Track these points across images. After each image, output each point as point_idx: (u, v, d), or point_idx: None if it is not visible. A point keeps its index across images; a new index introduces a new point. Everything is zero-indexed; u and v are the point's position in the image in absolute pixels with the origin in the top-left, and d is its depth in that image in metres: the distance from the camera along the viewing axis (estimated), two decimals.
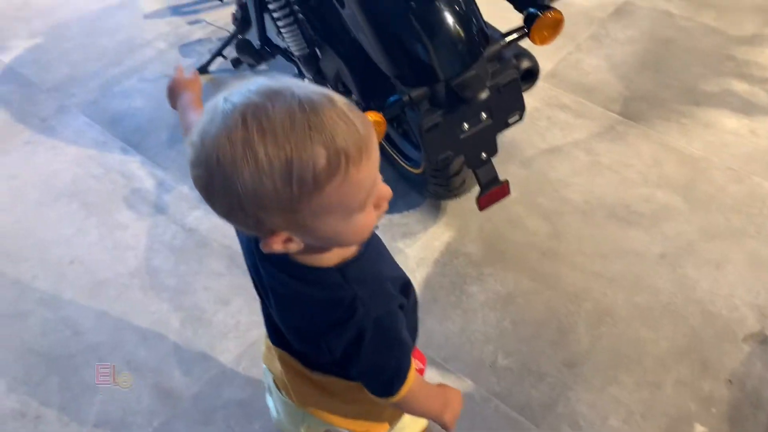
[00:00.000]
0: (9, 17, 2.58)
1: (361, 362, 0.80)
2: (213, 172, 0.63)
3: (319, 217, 0.66)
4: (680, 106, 2.10)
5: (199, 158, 0.64)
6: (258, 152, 0.60)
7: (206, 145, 0.63)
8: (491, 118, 1.35)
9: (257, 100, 0.62)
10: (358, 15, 1.28)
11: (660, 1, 2.51)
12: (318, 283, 0.76)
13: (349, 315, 0.76)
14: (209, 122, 0.63)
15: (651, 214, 1.80)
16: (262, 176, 0.61)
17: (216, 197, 0.65)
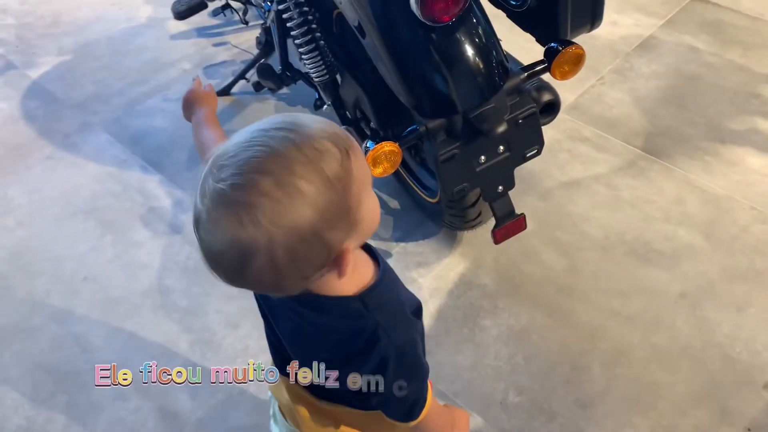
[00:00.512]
0: (39, 34, 2.63)
1: (385, 390, 0.79)
2: (270, 235, 0.63)
3: (361, 202, 0.69)
4: (704, 143, 2.07)
5: (239, 237, 0.63)
6: (296, 182, 0.63)
7: (245, 225, 0.63)
8: (509, 151, 1.33)
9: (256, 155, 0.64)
10: (377, 45, 1.28)
11: (686, 36, 2.49)
12: (339, 312, 0.76)
13: (372, 344, 0.76)
14: (225, 205, 0.63)
15: (672, 252, 1.77)
16: (313, 194, 0.63)
17: (276, 260, 0.64)
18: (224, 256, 0.65)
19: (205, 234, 0.66)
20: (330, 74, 1.67)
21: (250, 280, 0.67)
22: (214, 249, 0.66)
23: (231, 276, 0.68)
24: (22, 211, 1.93)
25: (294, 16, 1.59)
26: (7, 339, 1.62)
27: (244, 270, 0.65)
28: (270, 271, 0.65)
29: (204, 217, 0.65)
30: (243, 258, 0.64)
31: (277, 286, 0.69)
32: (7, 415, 1.48)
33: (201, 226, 0.66)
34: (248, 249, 0.63)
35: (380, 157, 1.27)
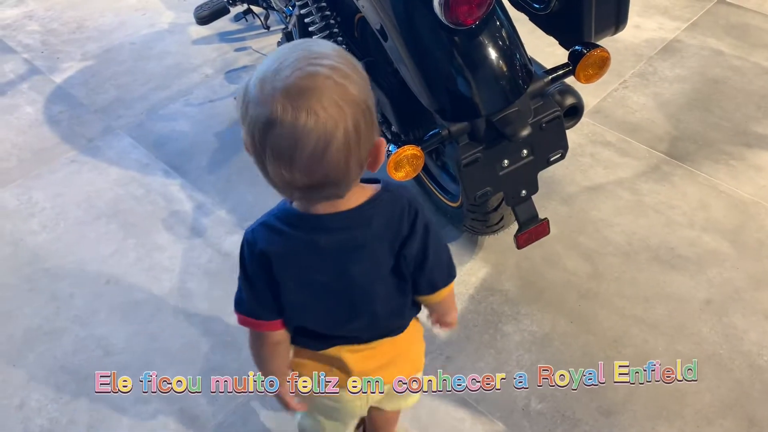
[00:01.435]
0: (64, 40, 2.66)
1: (431, 258, 0.90)
2: (344, 112, 0.72)
3: None
4: (730, 148, 2.04)
5: (321, 120, 0.71)
6: (344, 69, 0.73)
7: (322, 102, 0.71)
8: (532, 155, 1.32)
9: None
10: (400, 48, 1.28)
11: (710, 40, 2.46)
12: (379, 209, 0.85)
13: (414, 216, 0.87)
14: (299, 95, 0.71)
15: (696, 258, 1.74)
16: (359, 80, 0.74)
17: (349, 137, 0.73)
18: (308, 142, 0.71)
19: (281, 130, 0.71)
20: None
21: (329, 165, 0.74)
22: (292, 142, 0.72)
23: (312, 167, 0.74)
24: (46, 215, 1.95)
25: (316, 21, 1.59)
26: (31, 341, 1.63)
27: (326, 153, 0.72)
28: (345, 150, 0.73)
29: (279, 114, 0.71)
30: (327, 139, 0.72)
31: (347, 170, 0.76)
32: (31, 416, 1.49)
33: (278, 125, 0.71)
34: (330, 129, 0.71)
35: (402, 161, 1.26)
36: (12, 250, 1.85)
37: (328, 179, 0.76)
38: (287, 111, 0.70)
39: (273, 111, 0.71)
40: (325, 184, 0.77)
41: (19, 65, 2.54)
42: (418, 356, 1.11)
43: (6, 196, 2.01)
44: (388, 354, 1.01)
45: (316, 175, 0.75)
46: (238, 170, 2.05)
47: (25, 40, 2.67)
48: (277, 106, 0.71)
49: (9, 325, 1.67)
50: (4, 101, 2.37)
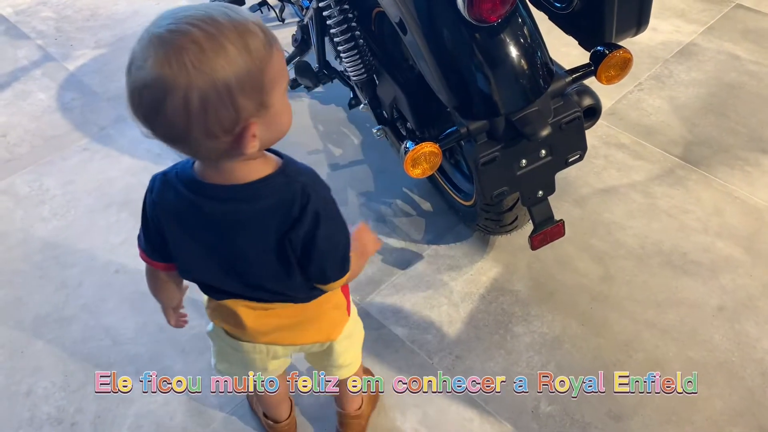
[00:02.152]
0: (78, 27, 2.66)
1: (319, 247, 0.89)
2: (190, 77, 0.70)
3: (274, 88, 0.77)
4: (745, 153, 2.02)
5: (163, 73, 0.70)
6: (223, 43, 0.72)
7: (172, 64, 0.70)
8: (551, 155, 1.31)
9: (180, 17, 0.73)
10: (419, 42, 1.26)
11: (727, 44, 2.44)
12: (269, 190, 0.84)
13: (305, 202, 0.85)
14: (158, 45, 0.71)
15: (710, 264, 1.73)
16: (235, 58, 0.72)
17: (189, 104, 0.72)
18: (145, 92, 0.72)
19: (134, 71, 0.73)
20: (368, 73, 1.65)
21: (165, 121, 0.73)
22: (138, 84, 0.72)
23: (149, 116, 0.74)
24: (57, 202, 1.94)
25: (334, 14, 1.58)
26: (40, 328, 1.63)
27: (161, 107, 0.72)
28: (183, 114, 0.72)
29: (137, 56, 0.73)
30: (162, 93, 0.71)
31: (187, 134, 0.74)
32: (38, 404, 1.49)
33: (132, 65, 0.73)
34: (168, 85, 0.71)
35: (420, 158, 1.25)
36: (23, 237, 1.84)
37: (170, 136, 0.76)
38: (144, 53, 0.72)
39: (137, 49, 0.73)
40: (172, 140, 0.77)
41: (32, 51, 2.53)
42: (331, 325, 1.10)
43: (18, 183, 2.01)
44: (290, 317, 1.03)
45: (159, 128, 0.75)
46: None
47: (39, 27, 2.66)
48: (140, 46, 0.73)
49: (19, 312, 1.66)
50: (17, 87, 2.37)
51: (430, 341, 1.58)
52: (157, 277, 1.04)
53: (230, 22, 0.73)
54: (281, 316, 1.03)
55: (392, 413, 1.45)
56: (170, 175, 0.89)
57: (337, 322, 1.11)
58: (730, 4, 2.63)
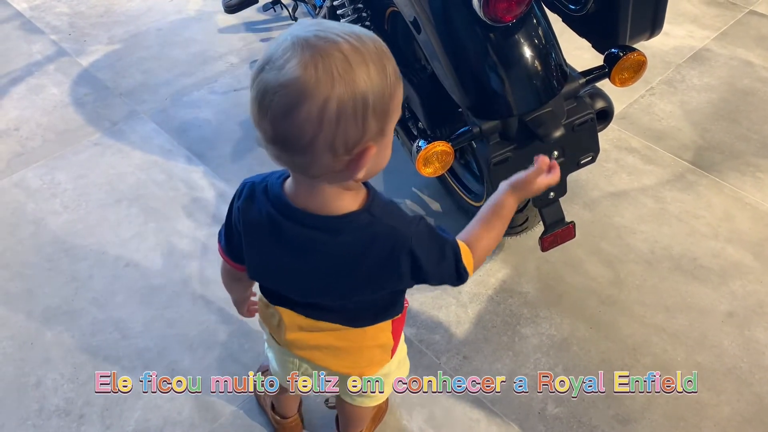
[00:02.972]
0: (91, 23, 2.67)
1: (430, 273, 0.88)
2: (334, 85, 0.69)
3: (392, 118, 0.76)
4: (757, 160, 2.01)
5: (307, 76, 0.69)
6: (366, 59, 0.71)
7: (318, 69, 0.69)
8: (563, 156, 1.31)
9: (327, 28, 0.73)
10: (434, 41, 1.27)
11: (740, 50, 2.43)
12: (352, 227, 0.83)
13: (393, 245, 0.84)
14: (305, 47, 0.70)
15: (719, 270, 1.72)
16: (374, 76, 0.71)
17: (326, 112, 0.70)
18: (282, 92, 0.70)
19: (269, 70, 0.71)
20: None
21: (294, 126, 0.71)
22: (273, 84, 0.70)
23: (278, 119, 0.72)
24: (68, 196, 1.95)
25: (348, 12, 1.58)
26: (50, 320, 1.64)
27: (294, 110, 0.70)
28: (315, 122, 0.70)
29: (276, 55, 0.71)
30: (300, 96, 0.69)
31: (311, 144, 0.72)
32: (47, 395, 1.50)
33: (267, 65, 0.71)
34: (309, 89, 0.69)
35: (432, 157, 1.25)
36: (34, 230, 1.86)
37: (292, 144, 0.73)
38: (285, 54, 0.70)
39: (275, 50, 0.72)
40: (291, 149, 0.74)
41: (46, 46, 2.55)
42: (369, 362, 1.08)
43: (29, 176, 2.02)
44: (331, 340, 1.02)
45: (283, 133, 0.73)
46: (260, 161, 2.05)
47: (53, 22, 2.68)
48: (280, 47, 0.71)
49: (28, 304, 1.67)
50: (30, 81, 2.38)
51: (437, 341, 1.58)
52: (232, 273, 1.04)
53: (372, 42, 0.73)
54: (323, 337, 1.02)
55: (399, 412, 1.45)
56: (259, 186, 0.88)
57: (376, 362, 1.09)
58: (743, 10, 2.63)
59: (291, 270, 0.90)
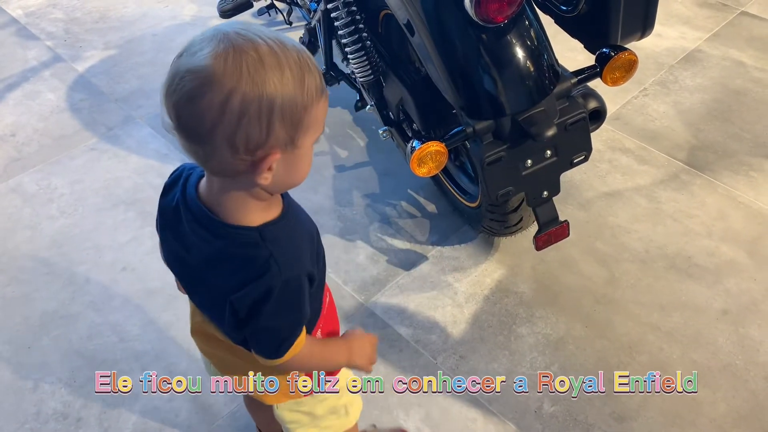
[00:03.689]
0: (87, 29, 2.68)
1: (260, 322, 0.83)
2: (240, 80, 0.69)
3: (308, 132, 0.75)
4: (750, 159, 2.03)
5: (215, 66, 0.69)
6: (283, 65, 0.71)
7: (228, 61, 0.69)
8: (556, 156, 1.32)
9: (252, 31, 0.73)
10: (427, 43, 1.28)
11: (732, 51, 2.45)
12: (238, 240, 0.81)
13: (262, 273, 0.80)
14: (221, 40, 0.70)
15: (714, 268, 1.73)
16: (288, 83, 0.71)
17: (228, 104, 0.70)
18: (188, 77, 0.70)
19: (184, 56, 0.71)
20: (375, 74, 1.67)
21: (195, 112, 0.70)
22: (183, 68, 0.70)
23: (180, 103, 0.71)
24: (64, 201, 1.96)
25: (342, 16, 1.59)
26: (47, 324, 1.64)
27: (198, 97, 0.69)
28: (216, 112, 0.70)
29: (194, 43, 0.71)
30: (205, 84, 0.69)
31: (210, 135, 0.71)
32: (44, 399, 1.50)
33: (185, 52, 0.72)
34: (216, 78, 0.69)
35: (426, 157, 1.26)
36: (30, 234, 1.86)
37: (192, 132, 0.72)
38: (202, 43, 0.71)
39: (196, 39, 0.72)
40: (190, 137, 0.73)
41: (42, 52, 2.56)
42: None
43: (26, 181, 2.02)
44: (221, 350, 1.00)
45: (184, 119, 0.72)
46: None
47: (48, 28, 2.69)
48: (201, 37, 0.72)
49: (25, 308, 1.68)
50: (26, 87, 2.39)
51: (434, 341, 1.59)
52: None
53: (296, 53, 0.72)
54: (216, 342, 0.99)
55: (395, 412, 1.46)
56: (186, 173, 0.88)
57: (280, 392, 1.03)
58: (735, 11, 2.65)
59: (182, 262, 0.88)
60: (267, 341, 0.88)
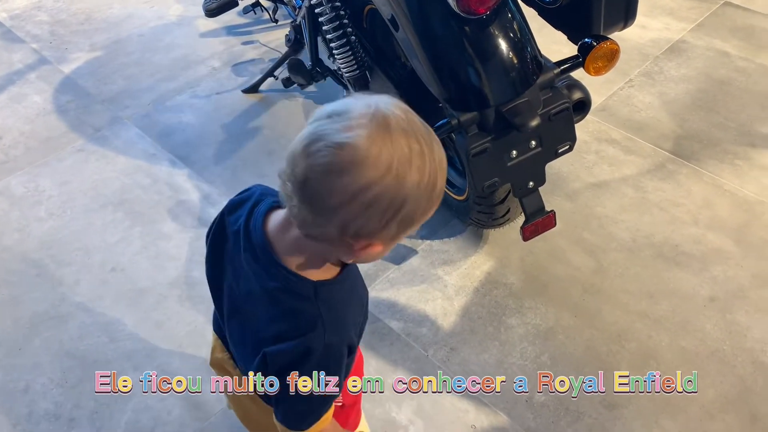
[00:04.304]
0: (72, 31, 2.67)
1: (280, 385, 0.81)
2: (386, 174, 0.66)
3: (410, 229, 0.73)
4: (735, 148, 2.05)
5: (367, 150, 0.66)
6: (426, 168, 0.68)
7: (381, 153, 0.66)
8: (541, 146, 1.33)
9: (409, 120, 0.70)
10: (411, 37, 1.28)
11: (716, 41, 2.47)
12: (292, 289, 0.79)
13: (305, 331, 0.78)
14: (380, 124, 0.67)
15: (700, 256, 1.75)
16: (423, 187, 0.69)
17: (363, 193, 0.67)
18: (334, 150, 0.66)
19: (337, 121, 0.68)
20: (360, 69, 1.67)
21: (325, 186, 0.68)
22: (333, 137, 0.67)
23: (315, 168, 0.68)
24: (53, 202, 1.95)
25: (326, 11, 1.60)
26: (38, 326, 1.64)
27: (334, 174, 0.67)
28: (347, 196, 0.67)
29: (353, 113, 0.68)
30: (348, 165, 0.66)
31: (330, 212, 0.69)
32: (36, 400, 1.50)
33: (339, 116, 0.68)
34: (360, 165, 0.66)
35: None
36: (19, 237, 1.85)
37: (312, 199, 0.69)
38: (360, 117, 0.68)
39: (353, 107, 0.69)
40: (306, 199, 0.70)
41: (27, 55, 2.55)
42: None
43: (13, 184, 2.02)
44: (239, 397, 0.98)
45: (310, 181, 0.68)
46: (243, 162, 2.06)
47: (33, 30, 2.68)
48: (359, 108, 0.69)
49: (16, 310, 1.67)
50: (12, 90, 2.38)
51: (425, 334, 1.60)
52: None
53: (438, 153, 0.71)
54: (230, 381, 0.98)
55: (388, 405, 1.47)
56: (257, 198, 0.86)
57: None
58: (718, 1, 2.67)
59: (228, 288, 0.87)
60: (293, 408, 0.84)
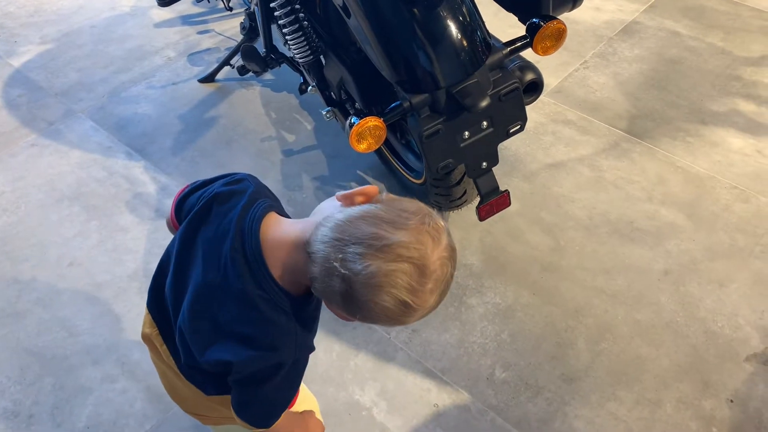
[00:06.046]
0: (21, 23, 2.61)
1: (259, 392, 0.85)
2: (423, 305, 0.75)
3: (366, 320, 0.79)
4: (687, 125, 2.09)
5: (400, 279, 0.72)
6: (435, 290, 0.76)
7: (434, 296, 0.75)
8: (492, 126, 1.34)
9: None
10: (362, 23, 1.28)
11: (668, 21, 2.52)
12: (275, 299, 0.81)
13: (278, 346, 0.82)
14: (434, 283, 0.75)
15: (655, 231, 1.79)
16: (432, 302, 0.76)
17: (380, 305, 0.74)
18: (369, 259, 0.72)
19: (382, 238, 0.73)
20: (314, 55, 1.67)
21: (350, 284, 0.73)
22: (396, 248, 0.72)
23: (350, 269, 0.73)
24: (6, 198, 1.91)
25: None
26: None
27: (363, 283, 0.72)
28: (366, 298, 0.73)
29: (405, 238, 0.73)
30: (382, 277, 0.72)
31: (348, 297, 0.74)
32: None
33: (386, 223, 0.74)
34: (388, 283, 0.72)
35: (365, 132, 1.27)
36: None
37: (347, 291, 0.74)
38: (408, 241, 0.73)
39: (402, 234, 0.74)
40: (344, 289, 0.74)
41: None
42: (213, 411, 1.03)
43: None
44: (172, 375, 1.00)
45: (340, 276, 0.73)
46: (201, 152, 2.04)
47: None
48: (406, 233, 0.74)
49: None
50: None
51: None
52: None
53: (448, 282, 0.77)
54: (168, 366, 0.99)
55: (351, 387, 1.48)
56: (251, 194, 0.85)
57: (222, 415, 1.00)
58: None
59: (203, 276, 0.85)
60: (260, 411, 0.89)
